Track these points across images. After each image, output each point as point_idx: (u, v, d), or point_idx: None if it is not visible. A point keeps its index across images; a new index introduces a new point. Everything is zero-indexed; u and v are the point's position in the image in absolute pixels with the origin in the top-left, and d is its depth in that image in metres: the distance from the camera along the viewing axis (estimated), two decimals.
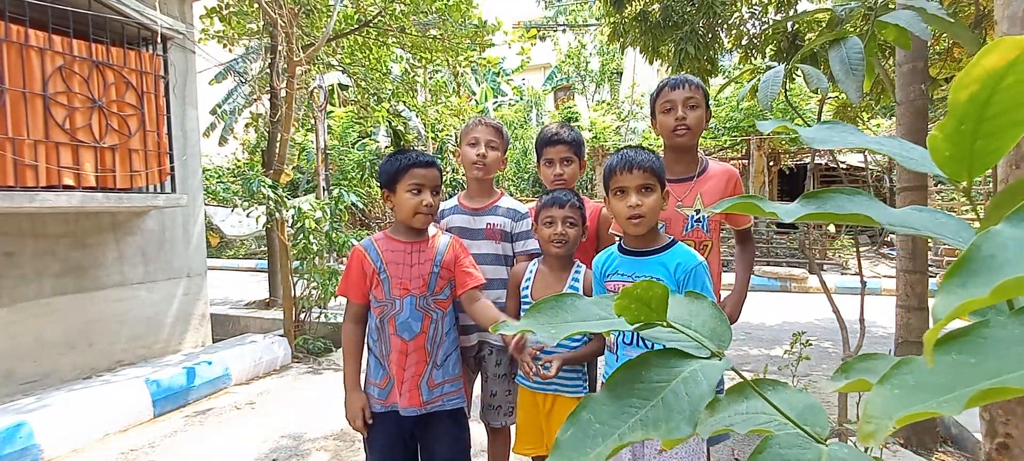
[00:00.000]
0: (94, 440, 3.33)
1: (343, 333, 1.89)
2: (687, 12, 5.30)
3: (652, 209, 1.62)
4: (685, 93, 1.95)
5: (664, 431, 0.46)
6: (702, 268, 1.62)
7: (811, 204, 0.49)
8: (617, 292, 1.76)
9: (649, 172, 1.63)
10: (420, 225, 1.83)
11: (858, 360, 0.53)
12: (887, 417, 0.32)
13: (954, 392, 0.31)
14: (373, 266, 1.83)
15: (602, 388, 0.52)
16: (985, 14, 3.31)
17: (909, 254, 2.86)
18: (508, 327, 0.62)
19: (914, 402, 0.32)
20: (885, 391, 0.34)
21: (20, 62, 3.31)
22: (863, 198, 0.49)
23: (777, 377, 3.46)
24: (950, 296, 0.30)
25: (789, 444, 0.45)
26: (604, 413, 0.49)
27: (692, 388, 0.49)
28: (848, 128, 0.59)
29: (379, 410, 1.83)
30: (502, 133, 2.17)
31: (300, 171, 15.39)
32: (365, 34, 7.08)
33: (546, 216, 1.89)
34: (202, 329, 4.96)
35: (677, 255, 1.64)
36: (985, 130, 0.38)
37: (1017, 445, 1.31)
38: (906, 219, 0.47)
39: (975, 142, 0.39)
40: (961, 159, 0.40)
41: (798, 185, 12.79)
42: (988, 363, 0.32)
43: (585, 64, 21.14)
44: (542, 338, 0.57)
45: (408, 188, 1.79)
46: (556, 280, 1.92)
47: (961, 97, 0.38)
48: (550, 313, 0.60)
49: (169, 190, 4.28)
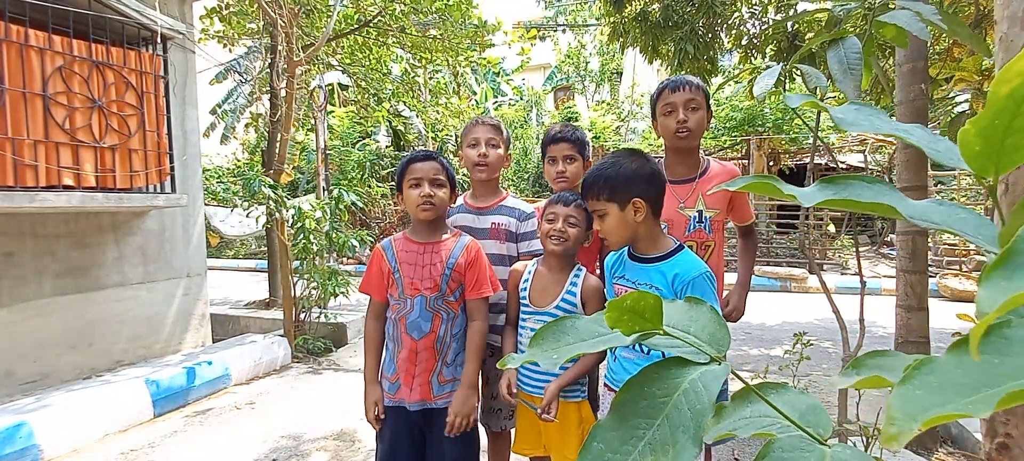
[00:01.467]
0: (94, 440, 3.33)
1: (365, 328, 1.98)
2: (687, 12, 5.30)
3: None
4: (686, 95, 1.95)
5: (672, 455, 0.46)
6: (704, 278, 1.54)
7: (829, 189, 0.48)
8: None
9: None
10: (424, 217, 1.86)
11: (869, 356, 0.52)
12: (912, 419, 0.31)
13: (981, 393, 0.30)
14: (389, 266, 1.89)
15: (609, 411, 0.52)
16: (985, 14, 3.32)
17: (909, 254, 2.86)
18: (514, 360, 0.62)
19: (939, 403, 0.31)
20: (908, 392, 0.33)
21: (20, 62, 3.31)
22: (882, 186, 0.48)
23: (777, 377, 3.46)
24: (996, 289, 0.29)
25: (792, 447, 0.45)
26: (614, 440, 0.49)
27: (693, 401, 0.49)
28: (876, 112, 0.58)
29: (389, 404, 1.89)
30: (502, 130, 2.17)
31: (300, 171, 15.39)
32: (365, 34, 7.08)
33: (550, 212, 1.87)
34: (202, 329, 4.96)
35: (677, 264, 1.58)
36: (1018, 126, 0.37)
37: (1017, 445, 1.30)
38: (926, 213, 0.46)
39: (1007, 138, 0.38)
40: (990, 154, 0.39)
41: (798, 185, 12.75)
42: (1013, 362, 0.31)
43: (585, 64, 21.14)
44: (545, 366, 0.57)
45: (410, 184, 1.86)
46: (554, 281, 1.88)
47: (1002, 91, 0.36)
48: (552, 339, 0.60)
49: (169, 190, 4.28)
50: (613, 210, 1.58)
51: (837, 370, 3.57)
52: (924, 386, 0.33)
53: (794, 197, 0.48)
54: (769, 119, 12.31)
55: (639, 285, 1.63)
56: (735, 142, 12.77)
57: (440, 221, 1.93)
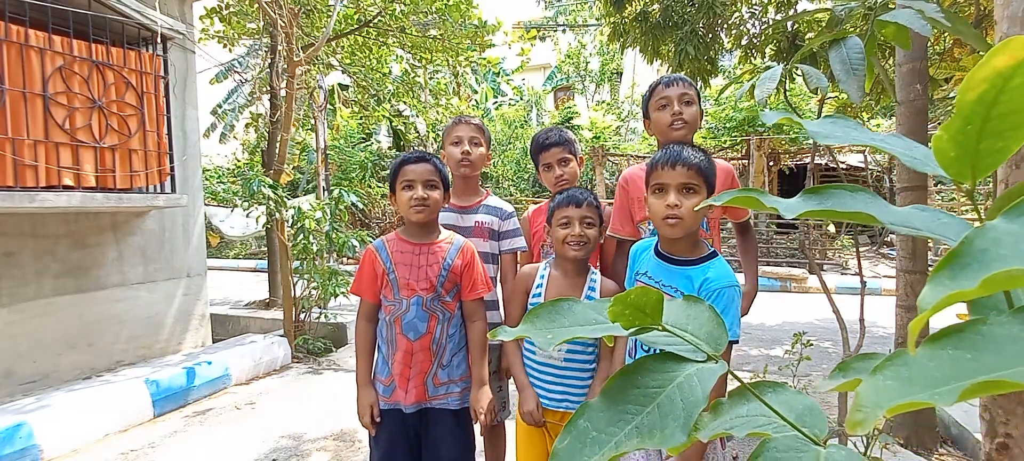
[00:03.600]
0: (94, 440, 3.33)
1: (356, 331, 1.94)
2: (687, 12, 5.30)
3: (692, 213, 1.45)
4: (680, 89, 1.95)
5: (658, 439, 0.46)
6: (732, 291, 1.45)
7: (812, 200, 0.48)
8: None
9: (695, 171, 1.45)
10: (416, 219, 1.86)
11: (856, 359, 0.53)
12: (877, 407, 0.32)
13: (949, 385, 0.31)
14: (383, 266, 1.88)
15: (599, 394, 0.52)
16: (985, 14, 3.31)
17: (909, 254, 2.86)
18: (506, 333, 0.61)
19: (906, 393, 0.32)
20: (878, 382, 0.34)
21: (20, 62, 3.31)
22: (865, 195, 0.48)
23: (777, 377, 3.46)
24: (938, 287, 0.30)
25: (787, 447, 0.44)
26: (600, 420, 0.49)
27: (687, 394, 0.49)
28: (851, 124, 0.58)
29: (384, 407, 1.87)
30: (483, 129, 2.22)
31: (300, 171, 15.39)
32: (365, 34, 7.08)
33: (562, 216, 1.77)
34: (202, 329, 4.96)
35: (707, 270, 1.49)
36: (991, 130, 0.38)
37: (1017, 445, 1.30)
38: (908, 219, 0.46)
39: (981, 142, 0.39)
40: (965, 160, 0.40)
41: (798, 185, 12.79)
42: (985, 358, 0.32)
43: (585, 64, 21.15)
44: (539, 344, 0.56)
45: (402, 186, 1.86)
46: (570, 287, 1.80)
47: (969, 97, 0.37)
48: (547, 318, 0.60)
49: (169, 190, 4.28)
50: (704, 192, 1.48)
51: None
52: (895, 377, 0.34)
53: (777, 209, 0.48)
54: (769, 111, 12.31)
55: (665, 287, 1.54)
56: (735, 142, 12.77)
57: (434, 222, 1.94)
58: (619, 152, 14.32)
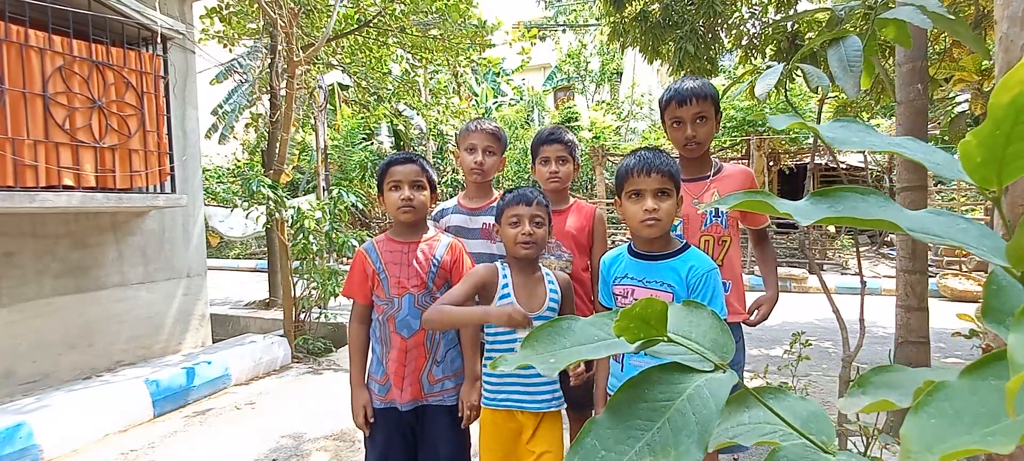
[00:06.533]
0: (94, 440, 3.33)
1: (349, 333, 1.97)
2: (687, 12, 5.29)
3: (668, 214, 1.59)
4: (694, 109, 1.91)
5: (673, 457, 0.44)
6: (715, 274, 1.60)
7: (823, 205, 0.46)
8: (627, 296, 1.72)
9: (667, 176, 1.59)
10: (404, 220, 1.89)
11: (874, 373, 0.50)
12: (927, 451, 0.29)
13: (1000, 422, 0.28)
14: (373, 267, 1.90)
15: (605, 410, 0.49)
16: (985, 14, 3.32)
17: (909, 254, 2.85)
18: (507, 364, 0.57)
19: (956, 433, 0.29)
20: (922, 421, 0.31)
21: (20, 62, 3.31)
22: (878, 198, 0.46)
23: (777, 377, 3.45)
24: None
25: (797, 456, 0.43)
26: (608, 438, 0.46)
27: (699, 407, 0.46)
28: (865, 128, 0.55)
29: (379, 406, 1.89)
30: (499, 137, 2.20)
31: (300, 171, 15.39)
32: (365, 34, 7.08)
33: (512, 215, 1.77)
34: (202, 329, 4.96)
35: (690, 259, 1.61)
36: (1019, 134, 0.36)
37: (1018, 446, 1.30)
38: (925, 224, 0.44)
39: (1008, 147, 0.37)
40: (992, 165, 0.38)
41: (798, 185, 12.79)
42: None
43: (585, 64, 21.15)
44: (542, 371, 0.52)
45: (390, 187, 1.89)
46: (534, 283, 1.80)
47: (1003, 100, 0.35)
48: (547, 340, 0.56)
49: (169, 190, 4.28)
50: (674, 194, 1.62)
51: (837, 370, 3.57)
52: (939, 414, 0.31)
53: (790, 214, 0.46)
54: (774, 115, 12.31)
55: (650, 282, 1.64)
56: (735, 142, 12.77)
57: (422, 221, 1.95)
58: (619, 152, 14.32)
